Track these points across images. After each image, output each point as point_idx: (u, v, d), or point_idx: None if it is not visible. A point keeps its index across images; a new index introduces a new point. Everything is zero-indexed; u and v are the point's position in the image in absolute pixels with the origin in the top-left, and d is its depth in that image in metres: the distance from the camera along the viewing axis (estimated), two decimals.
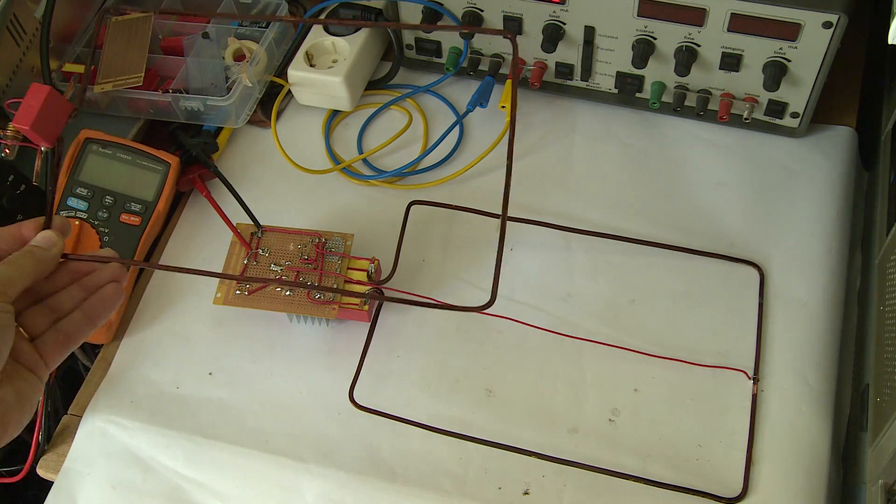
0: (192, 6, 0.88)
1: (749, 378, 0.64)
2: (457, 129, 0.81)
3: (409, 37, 0.83)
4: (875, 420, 0.57)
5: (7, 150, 0.70)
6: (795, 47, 0.67)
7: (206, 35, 0.81)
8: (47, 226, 0.52)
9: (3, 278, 0.47)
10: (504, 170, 0.78)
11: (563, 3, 0.72)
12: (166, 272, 0.75)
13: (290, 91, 0.83)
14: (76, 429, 0.67)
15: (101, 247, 0.71)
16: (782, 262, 0.69)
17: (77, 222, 0.71)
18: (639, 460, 0.61)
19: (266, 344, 0.70)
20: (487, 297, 0.70)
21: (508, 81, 0.79)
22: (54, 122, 0.51)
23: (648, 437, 0.62)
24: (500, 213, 0.75)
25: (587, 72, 0.78)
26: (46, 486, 0.66)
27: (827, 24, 0.65)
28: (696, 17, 0.68)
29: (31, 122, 0.49)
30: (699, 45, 0.71)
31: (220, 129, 0.81)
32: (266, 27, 0.82)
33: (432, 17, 0.78)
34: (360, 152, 0.81)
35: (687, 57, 0.71)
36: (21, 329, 0.48)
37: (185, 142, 0.78)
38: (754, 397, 0.63)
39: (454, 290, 0.71)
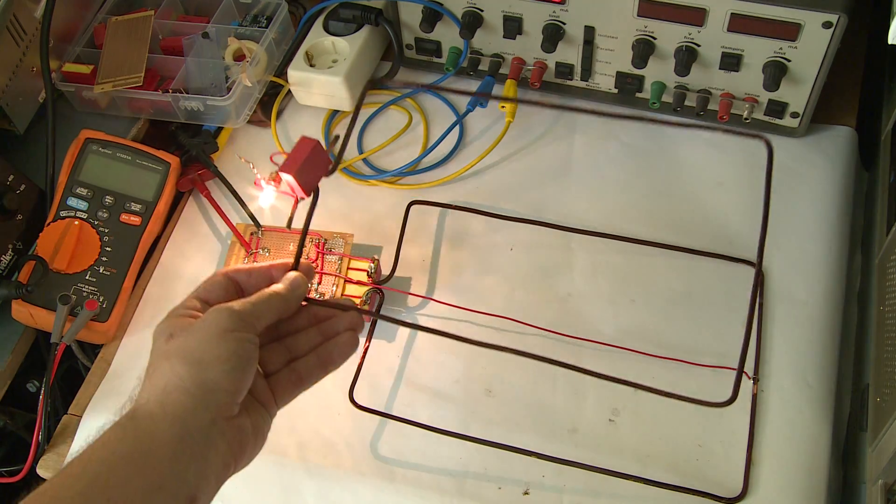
0: (192, 6, 0.88)
1: (749, 378, 0.64)
2: (457, 129, 0.81)
3: (408, 36, 0.83)
4: (875, 420, 0.57)
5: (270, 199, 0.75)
6: (795, 47, 0.67)
7: (206, 35, 0.81)
8: (295, 268, 0.53)
9: (253, 312, 0.49)
10: (504, 168, 0.78)
11: (563, 3, 0.72)
12: (166, 271, 0.75)
13: (290, 91, 0.83)
14: (76, 429, 0.67)
15: (100, 247, 0.71)
16: (782, 262, 0.69)
17: (77, 222, 0.71)
18: (639, 460, 0.61)
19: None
20: (487, 298, 0.70)
21: (508, 81, 0.79)
22: (315, 173, 0.53)
23: (648, 437, 0.62)
24: (499, 213, 0.75)
25: (587, 72, 0.78)
26: None
27: (827, 24, 0.65)
28: (696, 17, 0.68)
29: (296, 171, 0.51)
30: (699, 45, 0.71)
31: (220, 129, 0.81)
32: (266, 27, 0.82)
33: (432, 16, 0.78)
34: (360, 152, 0.81)
35: (687, 57, 0.71)
36: (258, 365, 0.49)
37: (185, 142, 0.78)
38: (754, 397, 0.63)
39: (454, 290, 0.71)
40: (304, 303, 0.53)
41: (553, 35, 0.74)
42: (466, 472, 0.62)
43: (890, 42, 0.54)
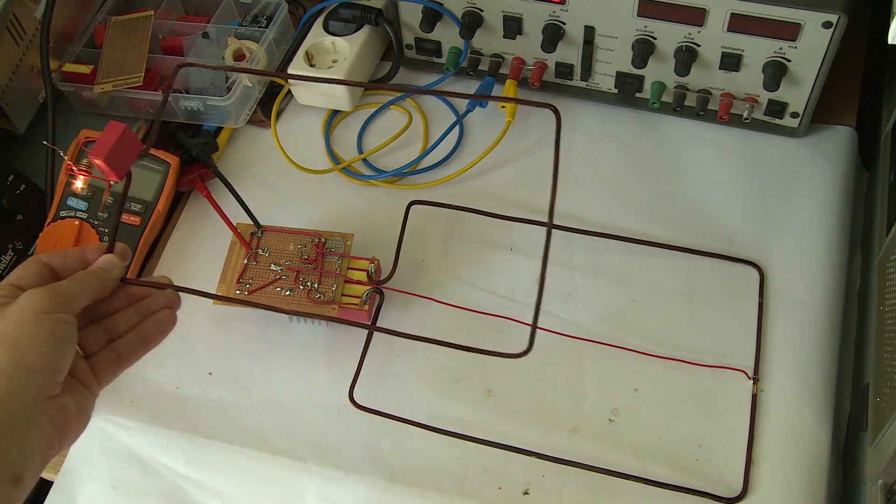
0: (192, 6, 0.88)
1: (749, 378, 0.64)
2: (457, 129, 0.81)
3: (408, 36, 0.83)
4: (875, 420, 0.57)
5: (79, 183, 0.74)
6: (795, 47, 0.67)
7: (206, 35, 0.81)
8: (110, 250, 0.54)
9: (69, 292, 0.50)
10: (504, 168, 0.78)
11: (563, 3, 0.72)
12: (166, 271, 0.75)
13: (290, 91, 0.83)
14: None
15: None
16: (782, 262, 0.69)
17: (77, 222, 0.71)
18: (639, 460, 0.61)
19: (266, 344, 0.70)
20: (488, 298, 0.70)
21: (508, 81, 0.79)
22: (125, 158, 0.54)
23: (648, 437, 0.62)
24: (499, 213, 0.75)
25: (587, 72, 0.78)
26: (46, 486, 0.66)
27: (827, 24, 0.65)
28: (696, 17, 0.68)
29: (105, 156, 0.52)
30: (699, 45, 0.71)
31: (220, 129, 0.81)
32: (266, 27, 0.82)
33: (432, 16, 0.78)
34: (360, 152, 0.81)
35: (687, 57, 0.71)
36: (78, 346, 0.50)
37: (185, 142, 0.78)
38: (754, 397, 0.63)
39: (454, 290, 0.71)
40: (120, 283, 0.54)
41: (553, 35, 0.74)
42: (466, 472, 0.62)
43: (890, 42, 0.54)
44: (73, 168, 0.74)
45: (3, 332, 0.47)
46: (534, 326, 0.51)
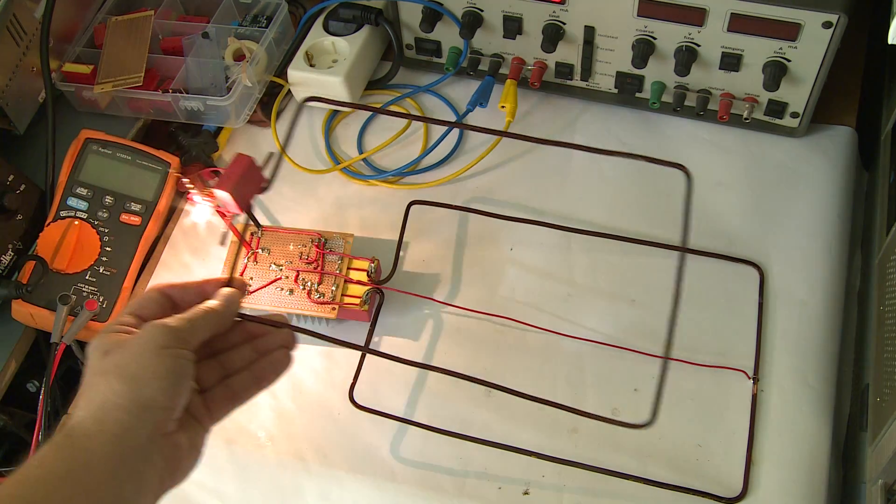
0: (192, 6, 0.88)
1: (749, 378, 0.64)
2: (457, 129, 0.80)
3: (408, 36, 0.83)
4: (875, 420, 0.57)
5: (205, 212, 0.73)
6: (795, 47, 0.67)
7: (206, 35, 0.81)
8: (229, 284, 0.53)
9: (188, 328, 0.49)
10: (504, 168, 0.78)
11: (563, 3, 0.72)
12: (166, 271, 0.75)
13: (290, 91, 0.83)
14: None
15: (100, 247, 0.71)
16: (782, 262, 0.69)
17: (77, 222, 0.71)
18: (639, 460, 0.61)
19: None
20: (488, 298, 0.70)
21: (508, 81, 0.79)
22: (249, 191, 0.54)
23: (648, 437, 0.62)
24: (499, 213, 0.75)
25: (587, 72, 0.78)
26: None
27: (827, 24, 0.65)
28: (696, 17, 0.68)
29: (232, 188, 0.52)
30: (699, 45, 0.71)
31: (220, 129, 0.81)
32: (266, 27, 0.82)
33: (432, 16, 0.78)
34: (360, 152, 0.81)
35: (687, 57, 0.71)
36: (193, 381, 0.49)
37: (185, 142, 0.78)
38: (754, 397, 0.63)
39: (454, 290, 0.71)
40: (237, 319, 0.53)
41: (553, 35, 0.74)
42: (466, 472, 0.62)
43: (890, 42, 0.54)
44: (197, 197, 0.72)
45: (124, 364, 0.46)
46: (657, 396, 0.51)
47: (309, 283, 0.68)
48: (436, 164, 0.79)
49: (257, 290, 0.69)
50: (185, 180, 0.73)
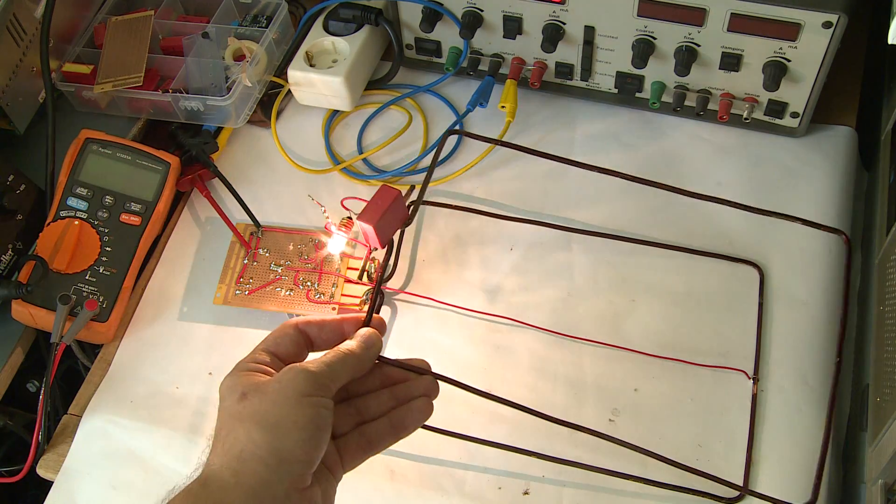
0: (192, 6, 0.88)
1: (749, 378, 0.64)
2: (456, 128, 0.80)
3: (408, 36, 0.83)
4: (875, 420, 0.57)
5: (340, 245, 0.70)
6: (795, 47, 0.67)
7: (206, 35, 0.81)
8: (367, 323, 0.51)
9: (329, 372, 0.47)
10: (504, 168, 0.78)
11: (563, 3, 0.72)
12: (166, 271, 0.75)
13: (290, 91, 0.83)
14: (76, 429, 0.67)
15: (100, 247, 0.71)
16: (782, 262, 0.69)
17: (77, 222, 0.71)
18: (639, 460, 0.61)
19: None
20: (488, 298, 0.70)
21: (508, 81, 0.79)
22: (392, 225, 0.52)
23: (648, 437, 0.62)
24: (499, 212, 0.75)
25: (587, 72, 0.78)
26: (46, 486, 0.66)
27: (827, 24, 0.65)
28: (696, 17, 0.68)
29: (377, 222, 0.50)
30: (699, 45, 0.71)
31: (220, 129, 0.81)
32: (266, 27, 0.82)
33: (432, 16, 0.78)
34: (360, 152, 0.81)
35: (687, 57, 0.71)
36: None
37: (185, 142, 0.78)
38: (754, 397, 0.63)
39: (454, 290, 0.71)
40: (376, 361, 0.51)
41: (553, 35, 0.74)
42: (466, 472, 0.62)
43: (890, 42, 0.54)
44: (333, 228, 0.70)
45: (264, 412, 0.44)
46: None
47: (309, 283, 0.68)
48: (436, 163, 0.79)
49: (257, 289, 0.69)
50: (328, 219, 0.70)
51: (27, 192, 0.73)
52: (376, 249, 0.54)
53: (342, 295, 0.68)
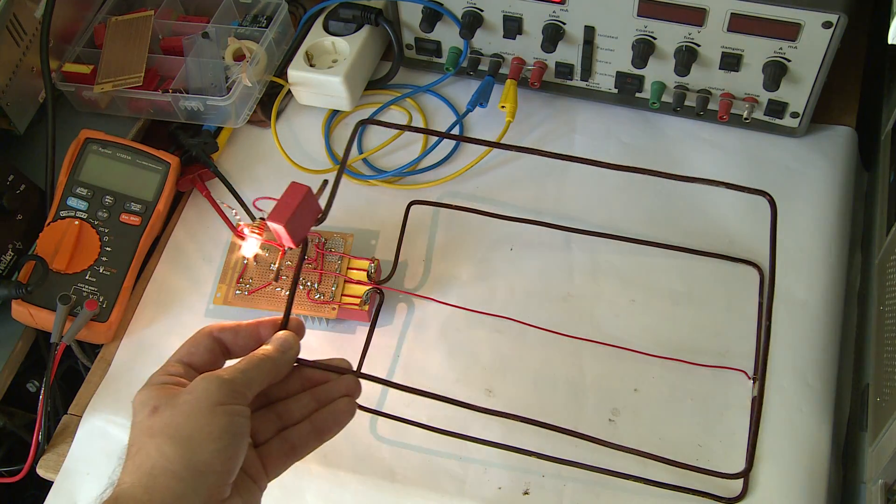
0: (192, 6, 0.88)
1: (749, 378, 0.64)
2: (456, 129, 0.80)
3: (408, 36, 0.83)
4: (875, 420, 0.57)
5: (252, 248, 0.70)
6: (795, 47, 0.67)
7: (206, 35, 0.81)
8: (283, 326, 0.50)
9: (244, 379, 0.45)
10: (504, 168, 0.78)
11: (563, 3, 0.72)
12: (166, 271, 0.75)
13: (290, 91, 0.83)
14: (76, 429, 0.67)
15: (100, 247, 0.71)
16: (782, 262, 0.69)
17: (77, 222, 0.71)
18: (639, 460, 0.61)
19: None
20: (488, 298, 0.70)
21: (508, 81, 0.79)
22: (304, 222, 0.50)
23: (648, 437, 0.62)
24: (499, 213, 0.75)
25: (587, 72, 0.78)
26: (46, 486, 0.66)
27: (827, 24, 0.65)
28: (696, 17, 0.68)
29: (286, 221, 0.48)
30: (699, 45, 0.71)
31: (220, 129, 0.81)
32: (266, 27, 0.82)
33: (432, 16, 0.78)
34: (360, 152, 0.81)
35: (687, 57, 0.71)
36: None
37: (185, 142, 0.78)
38: (754, 398, 0.63)
39: (454, 290, 0.71)
40: (295, 364, 0.50)
41: (553, 35, 0.74)
42: (466, 472, 0.62)
43: (890, 42, 0.54)
44: (246, 231, 0.69)
45: (175, 425, 0.42)
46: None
47: (309, 283, 0.68)
48: (435, 164, 0.79)
49: (257, 290, 0.69)
50: (240, 223, 0.70)
51: (27, 192, 0.73)
52: (291, 249, 0.52)
53: (342, 295, 0.68)
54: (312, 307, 0.68)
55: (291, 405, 0.50)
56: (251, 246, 0.70)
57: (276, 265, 0.68)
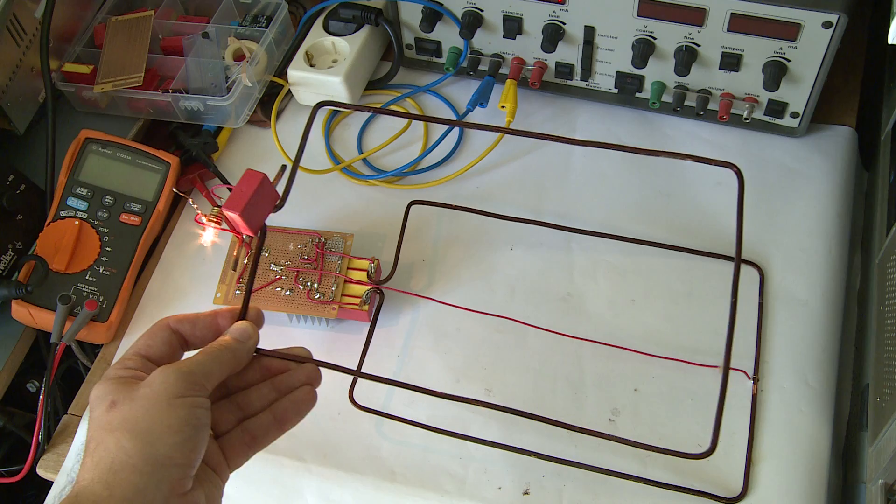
0: (192, 6, 0.88)
1: (749, 378, 0.64)
2: (456, 128, 0.80)
3: (408, 36, 0.83)
4: (875, 420, 0.57)
5: (209, 236, 0.69)
6: (795, 47, 0.67)
7: (206, 35, 0.81)
8: (242, 316, 0.50)
9: (202, 370, 0.45)
10: (504, 168, 0.78)
11: (563, 3, 0.72)
12: (166, 271, 0.75)
13: (290, 91, 0.83)
14: (76, 429, 0.67)
15: (100, 247, 0.71)
16: (782, 262, 0.69)
17: (77, 222, 0.71)
18: (639, 460, 0.61)
19: (265, 344, 0.70)
20: (488, 298, 0.70)
21: (508, 81, 0.79)
22: (261, 210, 0.49)
23: (648, 437, 0.62)
24: (499, 213, 0.75)
25: (587, 72, 0.78)
26: (46, 486, 0.66)
27: (827, 24, 0.65)
28: (696, 17, 0.68)
29: (242, 209, 0.47)
30: (699, 45, 0.71)
31: (219, 129, 0.81)
32: (266, 27, 0.82)
33: (432, 16, 0.78)
34: (360, 152, 0.81)
35: (687, 57, 0.71)
36: None
37: (185, 142, 0.78)
38: (754, 397, 0.63)
39: (454, 290, 0.71)
40: (255, 354, 0.50)
41: (553, 35, 0.74)
42: (466, 472, 0.62)
43: (890, 42, 0.54)
44: (203, 218, 0.69)
45: (133, 418, 0.42)
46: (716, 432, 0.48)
47: (309, 283, 0.68)
48: (436, 164, 0.79)
49: (257, 289, 0.69)
50: (198, 211, 0.69)
51: (27, 192, 0.73)
52: (250, 238, 0.51)
53: (343, 295, 0.68)
54: (312, 307, 0.68)
55: (252, 395, 0.50)
56: (209, 235, 0.70)
57: (235, 254, 0.68)
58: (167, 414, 0.43)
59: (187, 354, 0.49)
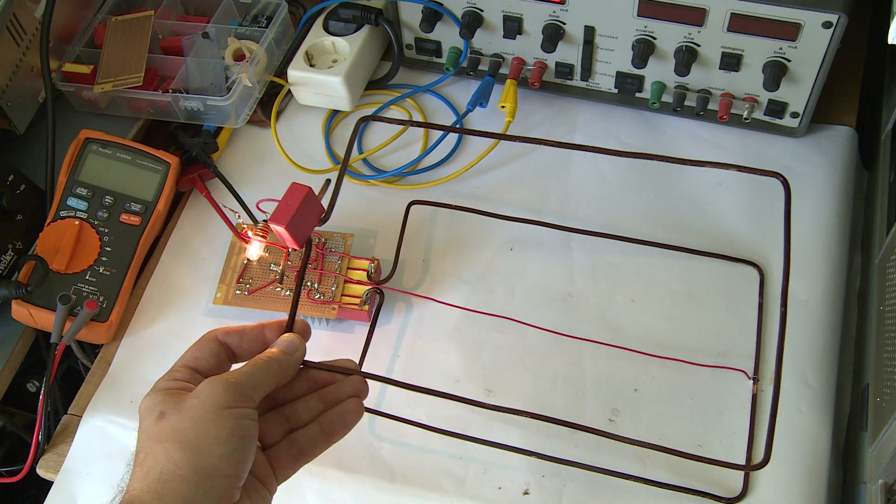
0: (192, 6, 0.88)
1: (749, 378, 0.64)
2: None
3: (408, 36, 0.83)
4: (875, 420, 0.57)
5: (256, 251, 0.69)
6: (795, 47, 0.67)
7: (206, 35, 0.81)
8: (289, 328, 0.50)
9: (250, 382, 0.45)
10: (504, 168, 0.78)
11: (563, 3, 0.72)
12: (166, 271, 0.75)
13: (290, 91, 0.83)
14: (76, 429, 0.67)
15: (100, 247, 0.71)
16: (782, 262, 0.69)
17: (77, 222, 0.71)
18: (639, 460, 0.61)
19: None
20: (488, 298, 0.70)
21: (508, 81, 0.79)
22: (307, 223, 0.49)
23: (648, 437, 0.62)
24: (499, 213, 0.75)
25: (587, 72, 0.78)
26: (46, 486, 0.66)
27: (827, 24, 0.65)
28: (696, 17, 0.68)
29: (288, 223, 0.47)
30: (699, 45, 0.71)
31: (220, 129, 0.81)
32: (266, 27, 0.82)
33: (432, 16, 0.78)
34: (360, 152, 0.81)
35: (687, 57, 0.71)
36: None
37: (185, 142, 0.78)
38: (754, 397, 0.63)
39: (454, 290, 0.71)
40: (302, 366, 0.50)
41: (553, 35, 0.74)
42: (466, 472, 0.62)
43: (890, 42, 0.54)
44: (250, 234, 0.68)
45: (183, 430, 0.43)
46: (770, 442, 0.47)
47: (309, 283, 0.68)
48: (436, 164, 0.79)
49: (257, 289, 0.69)
50: (246, 226, 0.69)
51: (27, 192, 0.73)
52: (294, 251, 0.51)
53: (342, 295, 0.68)
54: (313, 307, 0.68)
55: (299, 407, 0.50)
56: (255, 249, 0.70)
57: (281, 267, 0.68)
58: (215, 425, 0.43)
59: (235, 366, 0.50)
